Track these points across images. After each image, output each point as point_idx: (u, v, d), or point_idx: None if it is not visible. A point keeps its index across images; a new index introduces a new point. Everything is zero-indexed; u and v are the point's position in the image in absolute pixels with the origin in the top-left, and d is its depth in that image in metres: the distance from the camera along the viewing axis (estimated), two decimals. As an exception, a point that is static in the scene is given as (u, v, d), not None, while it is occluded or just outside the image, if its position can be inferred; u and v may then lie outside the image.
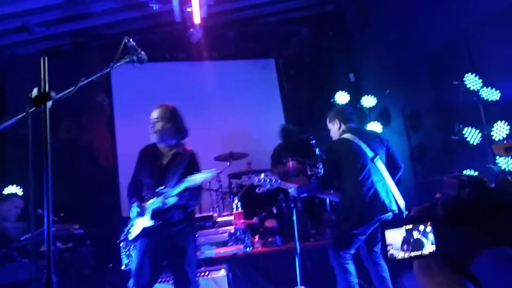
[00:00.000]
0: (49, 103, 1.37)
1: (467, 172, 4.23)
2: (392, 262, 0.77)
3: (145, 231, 3.13)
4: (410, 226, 0.75)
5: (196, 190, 3.24)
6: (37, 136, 1.40)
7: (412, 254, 0.74)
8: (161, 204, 3.08)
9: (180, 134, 3.28)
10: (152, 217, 3.10)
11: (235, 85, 6.84)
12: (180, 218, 3.20)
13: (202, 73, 6.66)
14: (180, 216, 3.21)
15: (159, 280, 3.42)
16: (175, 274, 3.19)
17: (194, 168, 3.20)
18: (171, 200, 3.09)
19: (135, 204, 3.17)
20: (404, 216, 3.44)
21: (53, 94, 1.38)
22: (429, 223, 0.75)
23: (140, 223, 3.15)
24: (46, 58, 1.37)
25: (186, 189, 3.07)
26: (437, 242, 0.74)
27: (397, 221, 0.69)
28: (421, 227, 0.74)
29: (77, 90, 1.59)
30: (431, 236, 0.77)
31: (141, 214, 3.12)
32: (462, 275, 0.76)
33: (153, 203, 3.09)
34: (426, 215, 0.78)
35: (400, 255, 0.73)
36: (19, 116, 1.36)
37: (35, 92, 1.37)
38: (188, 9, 5.31)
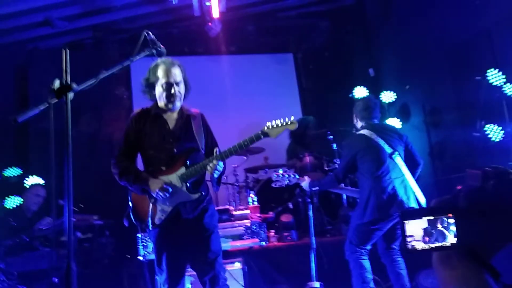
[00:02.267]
0: (71, 95, 1.40)
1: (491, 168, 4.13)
2: (413, 253, 0.76)
3: (170, 213, 2.67)
4: (431, 217, 0.73)
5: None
6: (59, 129, 1.44)
7: (433, 245, 0.73)
8: (211, 170, 2.59)
9: (187, 95, 2.86)
10: (191, 190, 2.67)
11: (253, 79, 6.84)
12: (206, 194, 2.80)
13: (221, 67, 6.68)
14: (206, 190, 2.82)
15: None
16: (197, 265, 2.73)
17: (210, 130, 2.90)
18: (221, 165, 2.66)
19: (155, 184, 2.60)
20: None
21: (74, 86, 1.41)
22: (450, 214, 0.74)
23: (166, 203, 2.66)
24: (67, 51, 1.39)
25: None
26: (459, 234, 0.73)
27: (417, 212, 0.68)
28: (443, 219, 0.73)
29: (97, 83, 1.62)
30: (453, 227, 0.75)
31: (162, 191, 2.59)
32: (483, 268, 0.75)
33: (191, 171, 2.63)
34: (447, 206, 0.77)
35: (420, 246, 0.73)
36: (41, 107, 1.39)
37: (57, 83, 1.40)
38: (207, 3, 5.33)
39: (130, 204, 2.82)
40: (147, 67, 2.81)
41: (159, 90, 2.75)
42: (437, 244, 0.76)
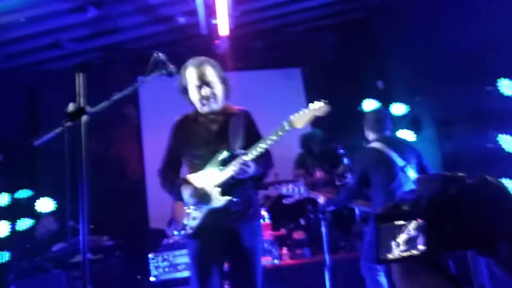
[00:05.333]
0: (85, 118, 1.40)
1: (503, 180, 4.07)
2: (384, 263, 0.70)
3: (204, 221, 2.48)
4: (401, 222, 0.68)
5: (269, 153, 2.64)
6: (69, 150, 1.43)
7: (404, 254, 0.69)
8: (239, 171, 2.39)
9: (228, 95, 2.74)
10: (222, 195, 2.44)
11: (261, 95, 6.84)
12: (249, 200, 2.57)
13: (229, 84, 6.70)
14: (250, 196, 2.59)
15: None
16: (236, 284, 2.54)
17: (254, 128, 2.71)
18: (252, 169, 2.44)
19: (187, 190, 2.48)
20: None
21: (88, 109, 1.40)
22: (420, 220, 0.69)
23: (198, 209, 2.51)
24: (81, 74, 1.39)
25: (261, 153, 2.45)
26: (427, 241, 0.69)
27: (391, 215, 0.62)
28: (412, 225, 0.68)
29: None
30: (421, 234, 0.71)
31: (203, 199, 2.45)
32: (446, 279, 0.71)
33: (219, 171, 2.44)
34: (416, 211, 0.73)
35: (390, 256, 0.67)
36: (57, 130, 1.38)
37: (71, 107, 1.40)
38: (214, 21, 5.37)
39: (172, 212, 2.74)
40: (155, 86, 2.81)
41: (192, 94, 2.63)
42: (407, 253, 0.71)
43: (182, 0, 5.22)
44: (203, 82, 2.58)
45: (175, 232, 2.64)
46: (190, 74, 2.61)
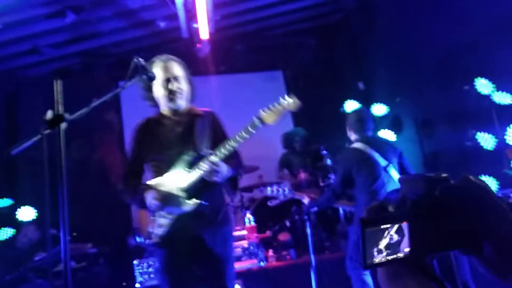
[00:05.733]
0: (64, 125, 1.38)
1: (482, 177, 4.16)
2: (371, 268, 0.70)
3: (172, 229, 2.33)
4: (387, 226, 0.69)
5: (238, 153, 2.53)
6: (50, 157, 1.41)
7: (390, 258, 0.70)
8: (209, 173, 2.25)
9: (193, 94, 2.64)
10: (188, 199, 2.29)
11: (243, 98, 6.85)
12: (219, 204, 2.46)
13: (210, 88, 6.69)
14: (219, 200, 2.49)
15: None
16: None
17: (220, 129, 2.59)
18: (225, 170, 2.31)
19: (150, 194, 2.32)
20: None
21: (67, 116, 1.39)
22: (405, 222, 0.71)
23: (163, 216, 2.34)
24: (59, 81, 1.38)
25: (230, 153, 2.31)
26: (412, 243, 0.71)
27: (377, 219, 0.63)
28: (396, 227, 0.69)
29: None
30: (406, 236, 0.72)
31: (168, 203, 2.30)
32: (432, 281, 0.72)
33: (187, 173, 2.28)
34: (401, 213, 0.74)
35: (377, 260, 0.68)
36: (34, 139, 1.36)
37: (49, 114, 1.38)
38: (195, 25, 5.36)
39: (135, 221, 2.62)
40: (136, 91, 2.72)
41: (158, 90, 2.50)
42: (393, 256, 0.72)
43: (162, 4, 5.19)
44: (171, 76, 2.47)
45: (138, 239, 2.46)
46: (157, 69, 2.46)
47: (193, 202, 2.31)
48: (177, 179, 2.36)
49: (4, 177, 5.79)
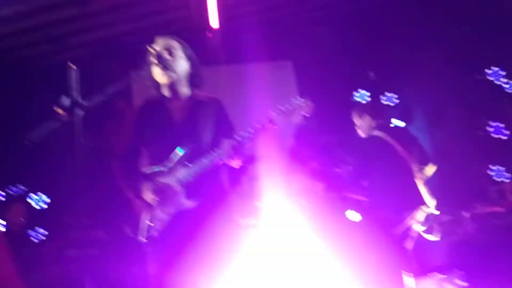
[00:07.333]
0: (80, 112, 1.42)
1: (495, 167, 4.13)
2: None
3: (168, 223, 2.19)
4: None
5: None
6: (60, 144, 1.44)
7: None
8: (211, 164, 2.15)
9: (197, 78, 2.47)
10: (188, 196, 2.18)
11: (252, 88, 6.85)
12: (218, 199, 2.32)
13: (219, 78, 6.69)
14: (219, 195, 2.35)
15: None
16: None
17: (225, 119, 2.45)
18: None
19: (149, 186, 2.20)
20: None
21: (84, 103, 1.42)
22: None
23: (161, 210, 2.20)
24: (75, 69, 1.41)
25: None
26: None
27: None
28: None
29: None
30: None
31: (152, 196, 2.17)
32: None
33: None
34: None
35: None
36: (53, 126, 1.40)
37: (66, 101, 1.41)
38: (205, 14, 5.36)
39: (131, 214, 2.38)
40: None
41: (155, 69, 2.29)
42: None
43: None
44: (164, 49, 2.30)
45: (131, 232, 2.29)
46: (155, 47, 2.28)
47: (190, 199, 2.21)
48: (175, 171, 2.21)
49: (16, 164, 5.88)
